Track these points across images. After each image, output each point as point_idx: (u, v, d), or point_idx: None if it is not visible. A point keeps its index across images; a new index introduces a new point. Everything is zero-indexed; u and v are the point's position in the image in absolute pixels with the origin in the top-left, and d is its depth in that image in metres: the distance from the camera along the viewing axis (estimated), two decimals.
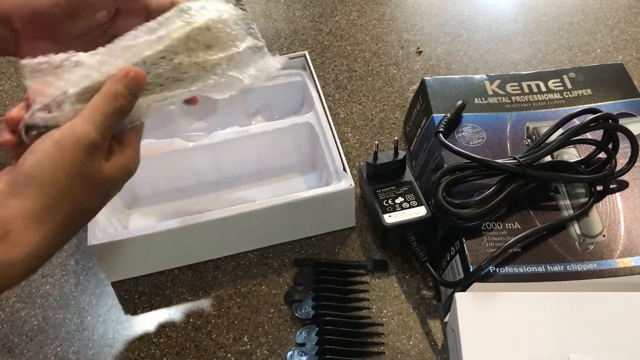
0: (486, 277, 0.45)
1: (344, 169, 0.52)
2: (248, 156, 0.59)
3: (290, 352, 0.47)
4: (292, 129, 0.58)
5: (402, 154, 0.53)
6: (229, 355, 0.48)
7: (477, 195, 0.49)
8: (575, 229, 0.48)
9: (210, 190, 0.58)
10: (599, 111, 0.50)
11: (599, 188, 0.50)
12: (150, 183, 0.58)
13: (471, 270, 0.45)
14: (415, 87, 0.67)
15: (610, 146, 0.51)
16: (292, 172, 0.60)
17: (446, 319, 0.48)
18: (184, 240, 0.52)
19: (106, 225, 0.51)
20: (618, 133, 0.50)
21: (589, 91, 0.57)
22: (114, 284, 0.53)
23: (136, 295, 0.52)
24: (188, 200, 0.58)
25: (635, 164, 0.50)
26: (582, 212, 0.48)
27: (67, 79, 0.38)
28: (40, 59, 0.39)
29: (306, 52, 0.62)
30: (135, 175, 0.48)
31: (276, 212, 0.52)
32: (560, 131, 0.51)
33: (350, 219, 0.55)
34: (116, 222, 0.54)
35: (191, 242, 0.52)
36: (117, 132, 0.40)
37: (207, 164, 0.58)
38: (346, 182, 0.52)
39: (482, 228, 0.48)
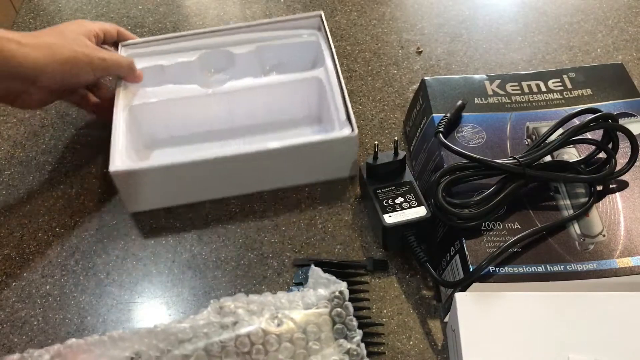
0: (486, 277, 0.45)
1: (348, 119, 0.55)
2: (259, 107, 0.62)
3: None
4: (302, 82, 0.61)
5: (402, 154, 0.53)
6: None
7: (477, 195, 0.49)
8: (575, 228, 0.48)
9: (222, 138, 0.62)
10: (599, 111, 0.50)
11: (599, 188, 0.50)
12: (168, 126, 0.62)
13: (471, 270, 0.45)
14: (415, 87, 0.67)
15: (610, 146, 0.51)
16: (300, 125, 0.63)
17: (446, 319, 0.48)
18: (197, 174, 0.55)
19: (126, 157, 0.56)
20: (618, 133, 0.50)
21: (589, 91, 0.57)
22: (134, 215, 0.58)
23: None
24: (202, 145, 0.61)
25: (635, 164, 0.50)
26: (582, 212, 0.48)
27: None
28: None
29: (322, 12, 0.64)
30: (155, 117, 0.60)
31: (281, 155, 0.55)
32: (560, 131, 0.51)
33: (353, 167, 0.58)
34: (135, 157, 0.58)
35: (203, 177, 0.56)
36: None
37: (222, 112, 0.62)
38: (348, 130, 0.54)
39: (482, 228, 0.48)
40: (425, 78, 0.59)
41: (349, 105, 0.56)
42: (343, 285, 0.44)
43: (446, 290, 0.48)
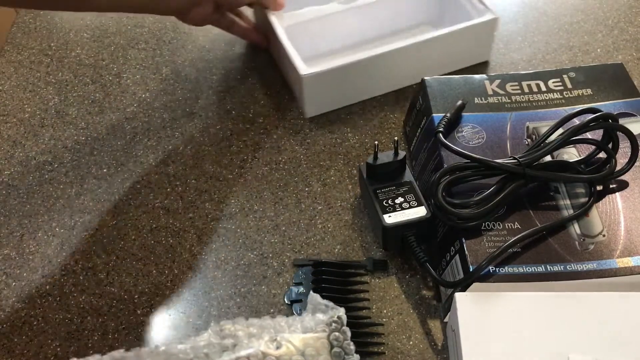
0: (486, 277, 0.45)
1: (485, 6, 0.65)
2: (388, 17, 0.71)
3: None
4: None
5: (402, 154, 0.53)
6: None
7: (477, 195, 0.49)
8: (575, 228, 0.48)
9: (359, 50, 0.66)
10: (599, 111, 0.50)
11: (599, 188, 0.50)
12: (314, 44, 0.69)
13: (471, 270, 0.45)
14: (415, 87, 0.67)
15: (610, 146, 0.51)
16: (426, 29, 0.72)
17: (446, 319, 0.48)
18: (369, 71, 0.63)
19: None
20: (618, 133, 0.50)
21: (589, 91, 0.57)
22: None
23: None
24: (342, 57, 0.63)
25: (635, 164, 0.50)
26: (582, 212, 0.48)
27: None
28: None
29: None
30: (303, 36, 0.67)
31: (437, 44, 0.64)
32: (560, 131, 0.51)
33: (488, 51, 0.69)
34: None
35: (372, 74, 0.64)
36: None
37: (356, 25, 0.70)
38: (490, 14, 0.65)
39: (482, 228, 0.48)
40: (425, 78, 0.59)
41: None
42: (341, 311, 0.45)
43: (446, 290, 0.48)
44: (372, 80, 0.65)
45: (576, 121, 0.51)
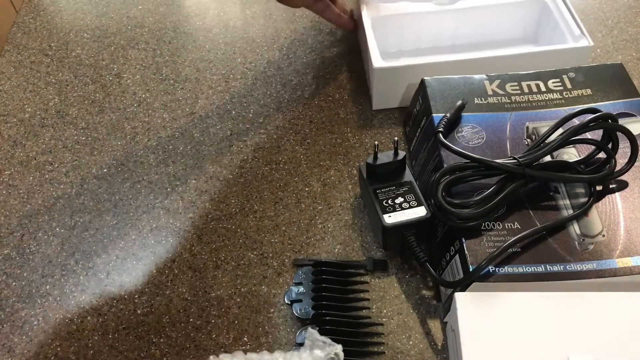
0: (486, 277, 0.45)
1: (582, 32, 0.62)
2: (482, 26, 0.69)
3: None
4: (525, 3, 0.68)
5: (402, 154, 0.53)
6: None
7: (477, 195, 0.49)
8: (575, 228, 0.48)
9: (447, 53, 0.68)
10: (598, 111, 0.50)
11: (599, 188, 0.50)
12: (400, 40, 0.69)
13: (471, 270, 0.45)
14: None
15: (610, 146, 0.51)
16: (518, 44, 0.70)
17: (446, 319, 0.48)
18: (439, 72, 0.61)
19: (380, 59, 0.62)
20: (618, 133, 0.50)
21: (588, 91, 0.57)
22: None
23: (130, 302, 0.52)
24: (430, 58, 0.63)
25: (635, 164, 0.50)
26: (582, 212, 0.48)
27: None
28: None
29: None
30: (390, 30, 0.67)
31: (513, 62, 0.61)
32: (559, 131, 0.51)
33: None
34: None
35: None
36: None
37: (448, 29, 0.69)
38: (585, 42, 0.62)
39: (482, 228, 0.48)
40: (425, 78, 0.59)
41: (580, 22, 0.63)
42: (338, 348, 0.45)
43: (446, 290, 0.48)
44: None
45: (576, 121, 0.51)
